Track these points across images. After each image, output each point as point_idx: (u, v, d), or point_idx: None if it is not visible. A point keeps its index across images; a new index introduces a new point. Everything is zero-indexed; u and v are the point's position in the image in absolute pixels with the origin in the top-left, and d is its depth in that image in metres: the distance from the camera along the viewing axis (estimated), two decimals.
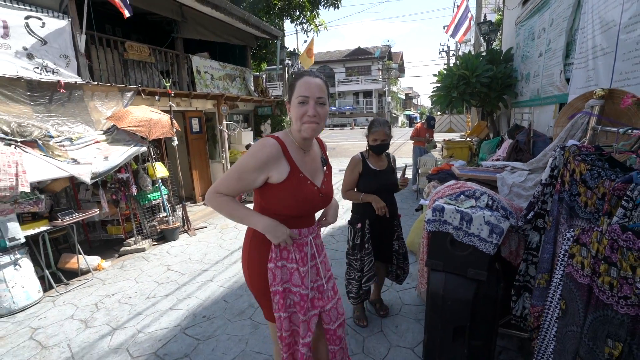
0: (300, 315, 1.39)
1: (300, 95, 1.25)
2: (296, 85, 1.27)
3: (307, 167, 1.36)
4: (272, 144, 1.27)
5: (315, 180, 1.39)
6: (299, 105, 1.25)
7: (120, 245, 4.27)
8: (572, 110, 1.93)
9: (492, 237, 1.63)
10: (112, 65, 5.24)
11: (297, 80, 1.28)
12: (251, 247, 1.42)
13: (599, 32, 2.65)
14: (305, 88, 1.25)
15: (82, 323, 2.74)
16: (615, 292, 1.05)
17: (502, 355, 2.12)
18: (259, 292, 1.42)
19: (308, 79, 1.26)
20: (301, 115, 1.26)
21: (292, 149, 1.32)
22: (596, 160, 1.38)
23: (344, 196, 2.35)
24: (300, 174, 1.31)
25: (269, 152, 1.25)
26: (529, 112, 4.77)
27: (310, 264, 1.43)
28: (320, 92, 1.26)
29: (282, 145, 1.29)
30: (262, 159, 1.24)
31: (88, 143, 3.83)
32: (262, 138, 1.32)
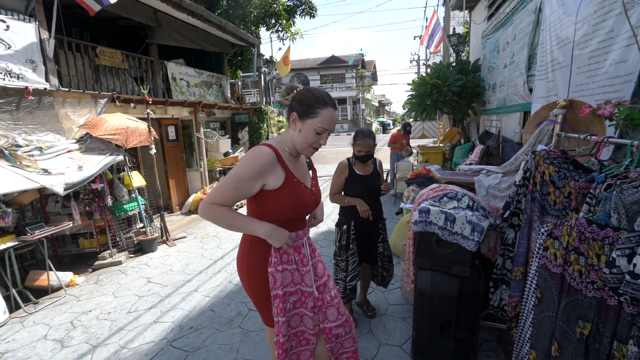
0: (306, 311, 1.44)
1: (322, 127, 1.29)
2: (319, 114, 1.28)
3: (299, 172, 1.41)
4: (267, 152, 1.29)
5: (307, 183, 1.45)
6: (316, 133, 1.29)
7: (94, 259, 4.07)
8: (539, 118, 2.13)
9: (473, 235, 1.76)
10: (83, 71, 5.04)
11: (321, 108, 1.28)
12: (250, 253, 1.43)
13: (556, 48, 2.93)
14: (329, 122, 1.29)
15: (58, 343, 2.59)
16: (584, 278, 1.19)
17: (483, 346, 2.25)
18: (260, 297, 1.43)
19: (332, 112, 1.30)
20: (313, 142, 1.32)
21: (285, 156, 1.36)
22: (562, 163, 1.54)
23: (331, 200, 2.43)
24: (295, 179, 1.36)
25: (265, 160, 1.27)
26: (497, 119, 5.11)
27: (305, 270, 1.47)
28: (335, 124, 1.33)
29: (276, 153, 1.32)
30: (258, 167, 1.26)
31: (60, 152, 3.66)
32: (256, 146, 1.34)
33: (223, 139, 7.89)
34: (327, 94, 1.34)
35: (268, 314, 1.44)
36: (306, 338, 1.49)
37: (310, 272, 1.47)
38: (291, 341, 1.46)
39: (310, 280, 1.46)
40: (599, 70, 2.20)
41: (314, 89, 1.35)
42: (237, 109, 8.83)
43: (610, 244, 1.09)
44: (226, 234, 4.98)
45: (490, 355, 2.17)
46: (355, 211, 2.32)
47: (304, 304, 1.45)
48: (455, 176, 2.72)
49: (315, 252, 1.58)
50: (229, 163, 7.47)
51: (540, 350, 1.34)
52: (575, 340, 1.20)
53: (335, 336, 1.54)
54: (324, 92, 1.34)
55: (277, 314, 1.40)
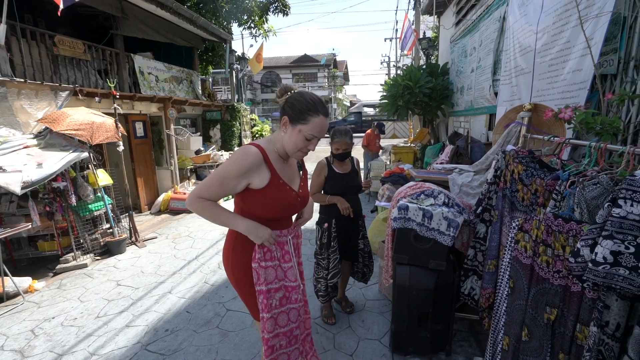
0: (292, 305, 1.47)
1: (312, 134, 1.30)
2: (310, 121, 1.29)
3: (286, 174, 1.43)
4: (254, 152, 1.31)
5: (293, 185, 1.46)
6: (305, 139, 1.31)
7: (56, 263, 3.80)
8: (507, 121, 2.28)
9: (449, 230, 1.86)
10: (39, 61, 4.67)
11: (312, 115, 1.29)
12: (235, 248, 1.44)
13: (519, 55, 3.14)
14: (319, 130, 1.31)
15: (17, 353, 2.40)
16: (550, 268, 1.30)
17: (456, 336, 2.38)
18: (246, 292, 1.45)
19: (324, 120, 1.31)
20: (301, 147, 1.33)
21: (273, 157, 1.37)
22: (529, 162, 1.67)
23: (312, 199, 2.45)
24: (280, 180, 1.38)
25: (251, 160, 1.29)
26: (465, 121, 5.38)
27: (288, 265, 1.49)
28: (325, 132, 1.36)
29: (263, 154, 1.33)
30: (244, 167, 1.28)
31: (16, 148, 3.38)
32: (245, 145, 1.35)
33: (194, 136, 7.65)
34: (320, 101, 1.34)
35: (255, 309, 1.45)
36: (295, 335, 1.51)
37: (294, 268, 1.50)
38: (280, 340, 1.47)
39: (293, 275, 1.49)
40: (557, 77, 2.39)
41: (307, 94, 1.34)
42: (209, 105, 8.59)
43: (574, 236, 1.20)
44: (199, 234, 4.84)
45: (463, 345, 2.30)
46: (336, 209, 2.36)
47: (289, 299, 1.47)
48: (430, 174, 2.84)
49: (300, 253, 1.61)
50: (200, 161, 7.25)
51: (512, 336, 1.45)
52: (543, 325, 1.31)
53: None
54: (317, 99, 1.34)
55: (262, 309, 1.42)
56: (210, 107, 8.71)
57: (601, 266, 1.00)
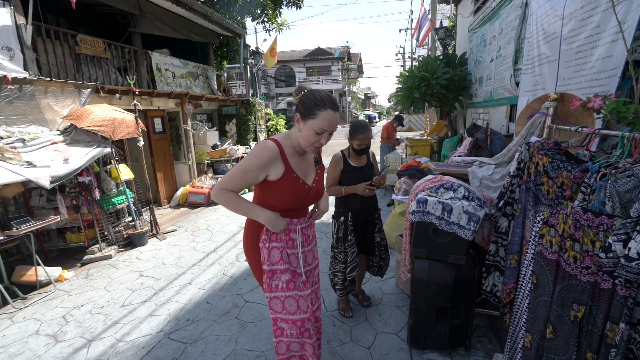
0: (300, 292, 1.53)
1: (321, 128, 1.36)
2: (319, 115, 1.35)
3: (301, 168, 1.51)
4: (272, 147, 1.41)
5: (307, 180, 1.54)
6: (316, 134, 1.37)
7: (83, 254, 3.98)
8: (531, 111, 2.20)
9: (470, 224, 1.83)
10: (63, 60, 4.83)
11: (320, 110, 1.35)
12: (249, 231, 1.60)
13: (543, 42, 3.01)
14: (328, 123, 1.36)
15: (51, 338, 2.54)
16: (578, 263, 1.26)
17: (475, 332, 2.35)
18: (256, 269, 1.61)
19: (332, 114, 1.36)
20: (314, 142, 1.40)
21: (289, 152, 1.47)
22: (555, 154, 1.61)
23: (328, 192, 2.45)
24: (293, 174, 1.47)
25: (269, 154, 1.40)
26: (484, 112, 5.23)
27: (301, 250, 1.59)
28: (335, 126, 1.40)
29: (280, 148, 1.43)
30: (263, 160, 1.40)
31: (44, 144, 3.52)
32: (263, 140, 1.46)
33: (211, 131, 7.76)
34: (329, 97, 1.39)
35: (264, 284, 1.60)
36: (307, 329, 1.55)
37: (297, 255, 1.58)
38: (290, 328, 1.54)
39: (296, 262, 1.58)
40: (585, 64, 2.28)
41: (317, 91, 1.41)
42: (225, 100, 8.68)
43: (604, 231, 1.15)
44: (217, 227, 4.94)
45: (483, 341, 2.26)
46: (352, 202, 2.35)
47: (296, 285, 1.54)
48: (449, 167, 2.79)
49: (312, 242, 1.69)
50: (217, 156, 7.36)
51: (536, 333, 1.42)
52: (569, 323, 1.27)
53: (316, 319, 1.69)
54: (326, 95, 1.40)
55: (265, 289, 1.53)
56: (226, 102, 8.80)
57: (634, 262, 0.96)
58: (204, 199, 6.18)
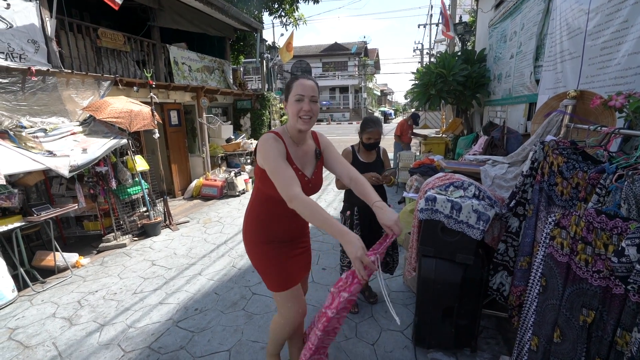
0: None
1: (297, 94, 1.43)
2: (293, 86, 1.46)
3: (300, 159, 1.55)
4: (272, 136, 1.47)
5: (306, 171, 1.57)
6: (296, 102, 1.44)
7: (99, 242, 4.12)
8: (548, 109, 2.12)
9: (479, 223, 1.78)
10: (85, 53, 4.97)
11: (293, 82, 1.47)
12: (248, 231, 1.65)
13: (567, 38, 2.89)
14: (301, 88, 1.43)
15: (66, 321, 2.65)
16: (590, 267, 1.21)
17: (482, 333, 2.30)
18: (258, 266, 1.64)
19: (303, 80, 1.45)
20: (297, 111, 1.44)
21: (288, 143, 1.51)
22: (571, 154, 1.55)
23: (337, 186, 2.44)
24: (293, 165, 1.50)
25: (275, 140, 1.46)
26: (502, 110, 5.08)
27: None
28: (313, 91, 1.45)
29: (280, 138, 1.48)
30: (278, 149, 1.44)
31: (64, 134, 3.65)
32: (265, 135, 1.48)
33: (225, 125, 7.85)
34: (301, 74, 1.52)
35: (268, 282, 1.63)
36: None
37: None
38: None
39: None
40: (610, 61, 2.17)
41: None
42: (240, 94, 8.75)
43: (618, 234, 1.10)
44: (228, 220, 5.01)
45: (490, 342, 2.22)
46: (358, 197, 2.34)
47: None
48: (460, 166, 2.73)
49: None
50: (231, 149, 7.45)
51: (543, 337, 1.38)
52: (578, 328, 1.23)
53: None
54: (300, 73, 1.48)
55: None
56: (241, 96, 8.87)
57: None
58: (216, 192, 6.27)
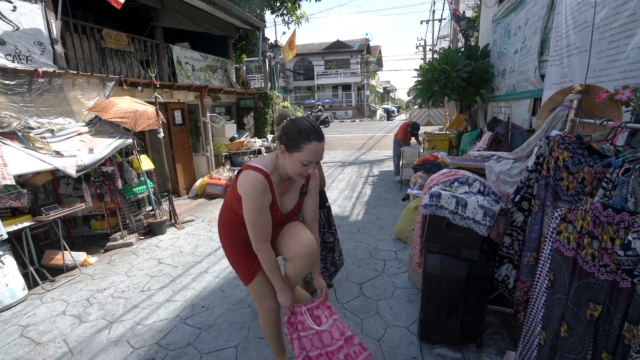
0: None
1: (307, 160, 1.35)
2: (304, 148, 1.33)
3: (282, 194, 1.54)
4: (262, 183, 1.39)
5: (285, 205, 1.56)
6: (302, 165, 1.36)
7: (106, 241, 4.17)
8: (553, 104, 2.11)
9: (485, 219, 1.78)
10: (89, 54, 5.02)
11: (305, 143, 1.32)
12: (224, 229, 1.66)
13: (573, 32, 2.86)
14: (313, 155, 1.34)
15: (76, 318, 2.69)
16: (596, 261, 1.21)
17: (488, 329, 2.30)
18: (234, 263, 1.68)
19: (317, 146, 1.34)
20: (301, 171, 1.39)
21: (275, 180, 1.46)
22: (577, 149, 1.54)
23: None
24: (275, 206, 1.49)
25: (264, 194, 1.41)
26: (506, 106, 5.05)
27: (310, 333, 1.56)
28: (321, 156, 1.39)
29: (268, 180, 1.42)
30: (265, 202, 1.42)
31: (70, 135, 3.69)
32: (253, 174, 1.40)
33: (229, 124, 7.88)
34: (312, 127, 1.35)
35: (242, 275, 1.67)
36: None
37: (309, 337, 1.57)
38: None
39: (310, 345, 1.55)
40: (619, 55, 2.16)
41: (299, 121, 1.36)
42: (243, 93, 8.78)
43: (625, 228, 1.10)
44: None
45: (495, 338, 2.22)
46: None
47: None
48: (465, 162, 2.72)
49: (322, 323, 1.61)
50: (234, 148, 7.48)
51: (550, 331, 1.38)
52: (585, 322, 1.23)
53: None
54: (309, 126, 1.35)
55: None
56: (244, 95, 8.90)
57: None
58: (221, 191, 6.31)
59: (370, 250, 3.65)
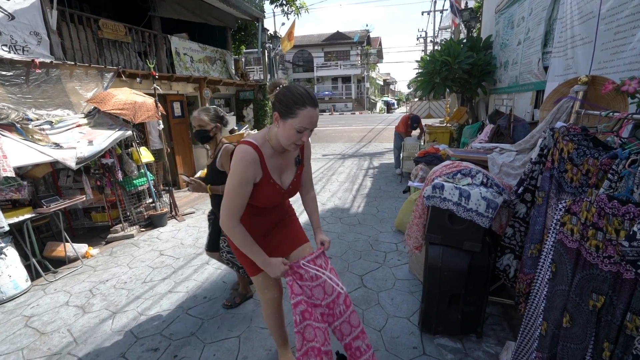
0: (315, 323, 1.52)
1: (302, 126, 1.31)
2: (299, 114, 1.29)
3: (278, 170, 1.49)
4: (252, 157, 1.37)
5: (284, 180, 1.53)
6: (297, 132, 1.32)
7: (107, 233, 4.17)
8: (558, 95, 2.09)
9: (488, 211, 1.78)
10: (86, 45, 4.95)
11: (300, 108, 1.29)
12: None
13: (578, 23, 2.82)
14: (308, 121, 1.31)
15: (79, 309, 2.70)
16: (600, 253, 1.21)
17: (488, 320, 2.33)
18: (238, 253, 1.63)
19: (312, 111, 1.31)
20: (295, 139, 1.35)
21: (267, 154, 1.43)
22: (582, 140, 1.53)
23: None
24: (270, 180, 1.45)
25: (252, 168, 1.38)
26: (508, 99, 5.02)
27: (313, 284, 1.55)
28: (316, 122, 1.35)
29: (259, 154, 1.40)
30: (249, 173, 1.38)
31: (69, 127, 3.66)
32: (243, 146, 1.38)
33: (228, 115, 7.81)
34: (307, 93, 1.32)
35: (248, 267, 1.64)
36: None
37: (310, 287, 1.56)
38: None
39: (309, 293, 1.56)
40: (625, 46, 2.13)
41: (294, 87, 1.33)
42: (242, 85, 8.71)
43: (631, 219, 1.10)
44: None
45: (495, 329, 2.24)
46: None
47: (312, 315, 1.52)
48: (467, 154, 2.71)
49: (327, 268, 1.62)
50: (234, 140, 7.43)
51: (551, 322, 1.39)
52: (587, 312, 1.24)
53: (358, 349, 1.63)
54: (304, 92, 1.32)
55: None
56: (244, 86, 8.83)
57: None
58: None
59: (370, 242, 3.66)
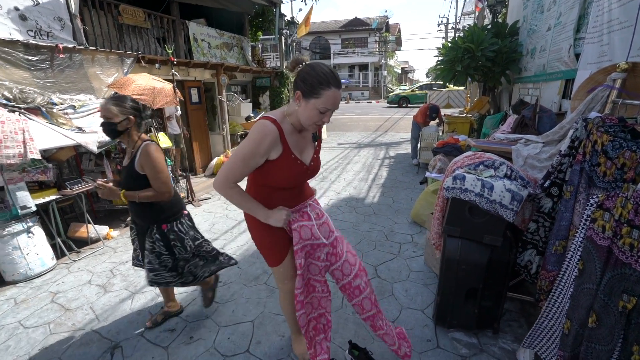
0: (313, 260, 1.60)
1: (325, 107, 1.29)
2: (323, 95, 1.26)
3: (299, 147, 1.46)
4: (271, 130, 1.34)
5: (305, 157, 1.49)
6: (319, 112, 1.30)
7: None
8: (592, 84, 1.97)
9: (513, 204, 1.71)
10: (107, 30, 5.00)
11: (324, 89, 1.26)
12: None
13: (617, 5, 2.63)
14: (332, 102, 1.29)
15: (101, 288, 2.81)
16: (635, 252, 1.14)
17: (505, 316, 2.28)
18: (259, 243, 1.64)
19: (336, 92, 1.28)
20: (316, 120, 1.32)
21: (287, 129, 1.40)
22: (619, 132, 1.44)
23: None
24: (291, 155, 1.42)
25: (269, 140, 1.34)
26: (534, 88, 4.80)
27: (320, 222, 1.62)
28: (339, 103, 1.33)
29: (279, 129, 1.37)
30: (264, 146, 1.34)
31: (91, 111, 3.74)
32: (262, 120, 1.37)
33: (244, 102, 7.83)
34: (331, 73, 1.28)
35: (269, 257, 1.64)
36: (312, 284, 1.67)
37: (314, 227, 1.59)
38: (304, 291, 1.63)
39: (317, 233, 1.59)
40: None
41: (318, 66, 1.29)
42: (259, 72, 8.66)
43: None
44: None
45: (512, 325, 2.19)
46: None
47: (311, 254, 1.60)
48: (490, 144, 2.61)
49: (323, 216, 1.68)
50: (250, 127, 7.46)
51: (575, 321, 1.34)
52: (616, 313, 1.18)
53: (357, 288, 1.69)
54: (328, 71, 1.28)
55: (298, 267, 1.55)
56: (260, 73, 8.78)
57: None
58: None
59: (385, 232, 3.63)
